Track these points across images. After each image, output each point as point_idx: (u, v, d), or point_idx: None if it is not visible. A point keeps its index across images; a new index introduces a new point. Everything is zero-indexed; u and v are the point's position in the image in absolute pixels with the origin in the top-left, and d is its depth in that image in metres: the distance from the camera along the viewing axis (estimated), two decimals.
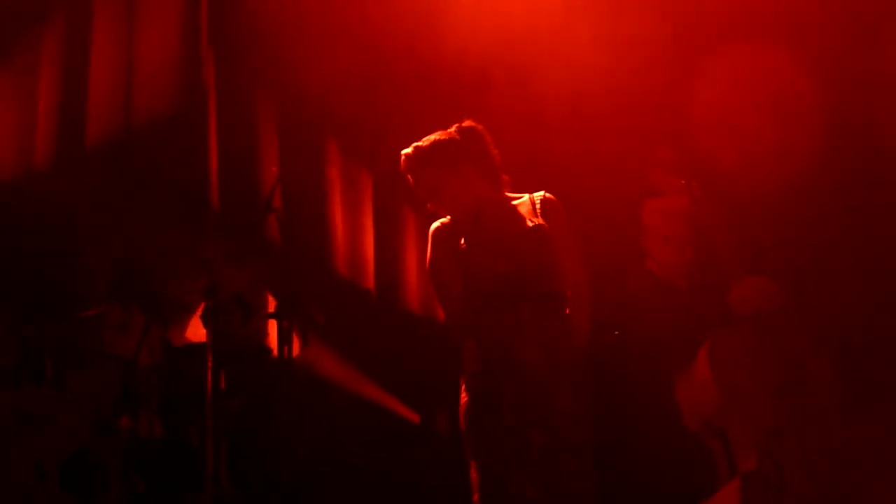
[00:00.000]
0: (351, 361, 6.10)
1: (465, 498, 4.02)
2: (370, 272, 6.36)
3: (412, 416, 6.10)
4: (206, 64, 6.32)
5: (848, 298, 5.25)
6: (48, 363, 5.24)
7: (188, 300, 5.34)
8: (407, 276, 6.32)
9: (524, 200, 4.24)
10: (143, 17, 6.39)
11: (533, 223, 4.14)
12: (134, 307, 5.43)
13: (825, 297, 5.22)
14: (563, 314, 4.14)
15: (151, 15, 6.39)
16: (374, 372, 6.10)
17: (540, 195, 4.24)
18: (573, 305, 4.16)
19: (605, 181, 5.62)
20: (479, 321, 4.09)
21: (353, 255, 6.35)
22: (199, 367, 4.84)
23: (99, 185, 5.93)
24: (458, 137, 4.20)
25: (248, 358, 5.26)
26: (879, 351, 5.04)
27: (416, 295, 6.26)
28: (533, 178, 4.35)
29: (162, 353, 5.37)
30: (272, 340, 4.82)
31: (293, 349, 4.91)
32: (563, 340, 4.07)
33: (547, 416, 3.95)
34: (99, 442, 4.85)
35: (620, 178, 5.51)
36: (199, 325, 4.84)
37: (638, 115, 5.57)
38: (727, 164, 5.41)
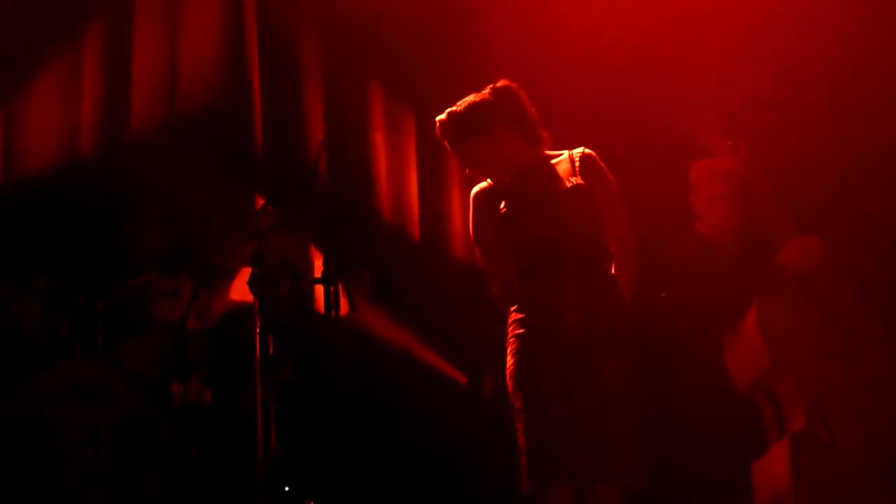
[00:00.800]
0: (399, 322, 6.12)
1: (512, 461, 4.04)
2: (416, 230, 6.36)
3: (460, 377, 6.12)
4: (248, 18, 6.31)
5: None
6: (100, 333, 5.30)
7: (236, 267, 5.37)
8: (454, 232, 6.31)
9: (563, 158, 4.20)
10: None
11: (571, 183, 4.11)
12: (183, 275, 5.47)
13: (871, 260, 5.17)
14: (606, 275, 4.12)
15: None
16: (422, 331, 6.12)
17: (579, 151, 4.19)
18: (619, 261, 4.14)
19: (653, 142, 5.59)
20: (521, 286, 4.09)
21: (398, 215, 6.35)
22: (247, 333, 4.88)
23: (149, 157, 5.98)
24: (491, 99, 4.14)
25: (296, 323, 5.29)
26: None
27: (463, 251, 6.24)
28: (581, 134, 4.31)
29: (210, 319, 5.42)
30: (320, 305, 4.84)
31: (340, 312, 4.92)
32: (606, 303, 4.06)
33: (590, 380, 3.94)
34: (151, 410, 4.91)
35: (668, 138, 5.47)
36: (247, 291, 4.88)
37: (687, 76, 5.51)
38: (775, 126, 5.36)
